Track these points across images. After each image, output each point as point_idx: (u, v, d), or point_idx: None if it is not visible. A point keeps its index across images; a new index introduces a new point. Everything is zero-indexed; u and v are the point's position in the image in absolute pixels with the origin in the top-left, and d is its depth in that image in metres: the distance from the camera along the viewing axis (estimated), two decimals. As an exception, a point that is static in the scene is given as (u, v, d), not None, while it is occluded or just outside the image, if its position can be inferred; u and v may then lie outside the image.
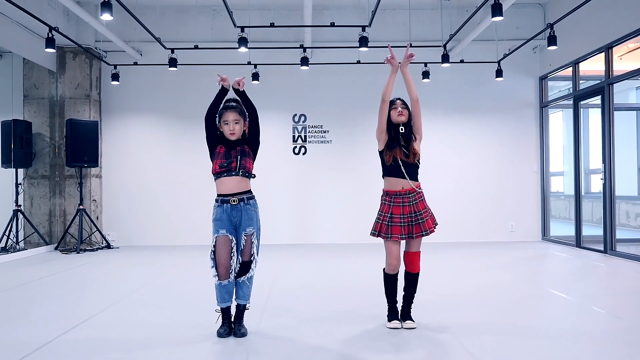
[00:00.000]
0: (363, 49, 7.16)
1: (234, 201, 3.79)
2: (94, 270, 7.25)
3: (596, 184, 10.80)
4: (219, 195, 3.84)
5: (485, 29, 8.81)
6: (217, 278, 3.80)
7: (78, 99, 9.58)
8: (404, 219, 3.91)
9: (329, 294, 5.41)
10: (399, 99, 4.13)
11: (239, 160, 3.80)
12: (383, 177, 4.05)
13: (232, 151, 3.82)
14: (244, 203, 3.82)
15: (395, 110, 4.03)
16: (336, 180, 10.10)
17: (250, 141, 3.94)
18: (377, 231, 3.97)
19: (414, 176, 3.97)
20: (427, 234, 3.92)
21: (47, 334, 3.92)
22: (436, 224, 3.99)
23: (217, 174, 3.82)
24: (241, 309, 3.93)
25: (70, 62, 9.58)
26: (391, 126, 4.02)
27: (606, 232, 7.94)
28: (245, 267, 3.86)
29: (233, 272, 3.81)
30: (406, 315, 4.06)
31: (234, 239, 3.81)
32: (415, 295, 4.09)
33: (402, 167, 3.91)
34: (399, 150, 3.93)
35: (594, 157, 12.07)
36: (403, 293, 4.09)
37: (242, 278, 3.86)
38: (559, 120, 12.95)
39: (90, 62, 9.68)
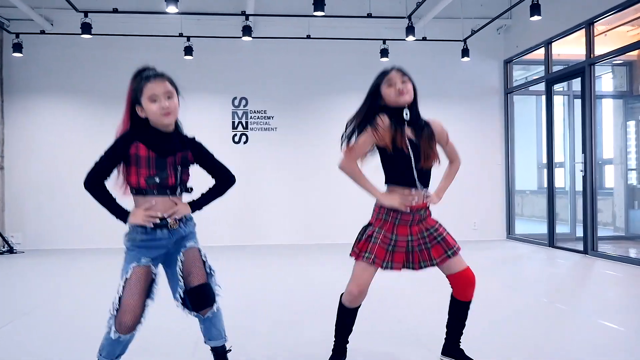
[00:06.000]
0: (318, 12, 5.99)
1: (174, 225, 2.50)
2: (-18, 282, 5.82)
3: (560, 178, 10.06)
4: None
5: (447, 6, 7.83)
6: (114, 330, 2.38)
7: (-28, 75, 8.01)
8: (411, 242, 2.71)
9: (280, 315, 4.24)
10: (394, 68, 2.75)
11: (179, 174, 2.51)
12: (387, 184, 2.78)
13: (170, 158, 2.47)
14: (184, 222, 2.57)
15: (392, 88, 2.68)
16: (282, 173, 8.91)
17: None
18: (372, 254, 2.66)
19: (427, 184, 2.76)
20: (454, 253, 2.74)
21: None
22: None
23: (141, 191, 2.44)
24: (220, 352, 2.67)
25: (-37, 29, 7.99)
26: (391, 112, 2.69)
27: (586, 230, 7.12)
28: (203, 293, 2.52)
29: (141, 323, 2.45)
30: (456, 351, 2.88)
31: (156, 272, 2.49)
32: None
33: (414, 171, 2.67)
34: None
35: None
36: (448, 320, 2.89)
37: (207, 312, 2.56)
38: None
39: (-12, 31, 8.12)
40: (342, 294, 2.82)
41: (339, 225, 8.81)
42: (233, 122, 8.88)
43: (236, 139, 8.87)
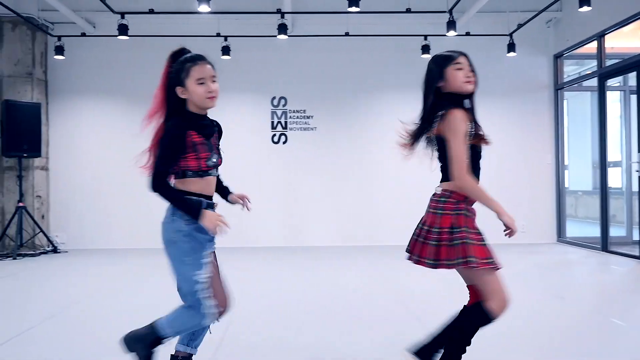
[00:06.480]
0: (353, 8, 5.80)
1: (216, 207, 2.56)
2: (24, 280, 5.90)
3: (616, 178, 9.49)
4: (200, 196, 2.45)
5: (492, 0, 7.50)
6: (214, 315, 2.44)
7: (18, 78, 8.16)
8: None
9: (314, 322, 4.07)
10: (462, 54, 2.56)
11: (220, 154, 2.57)
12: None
13: (212, 139, 2.51)
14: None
15: (461, 72, 2.51)
16: (322, 173, 8.75)
17: None
18: (492, 258, 2.41)
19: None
20: None
21: None
22: None
23: (201, 173, 2.45)
24: None
25: (9, 34, 8.16)
26: (456, 99, 2.52)
27: (642, 234, 6.68)
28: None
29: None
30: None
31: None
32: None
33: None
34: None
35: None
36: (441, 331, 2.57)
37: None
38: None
39: (33, 35, 8.26)
40: (487, 311, 2.43)
41: (381, 227, 8.61)
42: (272, 122, 8.77)
43: (275, 139, 8.76)
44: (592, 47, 7.96)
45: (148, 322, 2.52)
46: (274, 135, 8.77)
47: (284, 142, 8.76)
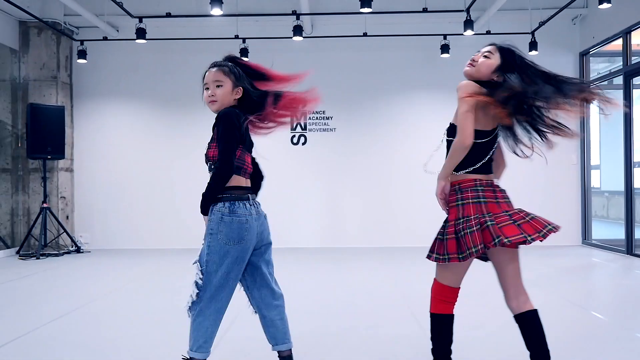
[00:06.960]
0: (365, 10, 5.75)
1: None
2: (44, 279, 6.01)
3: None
4: None
5: (515, -4, 7.38)
6: None
7: (44, 81, 8.34)
8: None
9: (319, 324, 4.05)
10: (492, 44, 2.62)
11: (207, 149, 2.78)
12: None
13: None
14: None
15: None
16: (341, 174, 8.72)
17: None
18: None
19: None
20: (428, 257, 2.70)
21: None
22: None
23: None
24: None
25: (35, 39, 8.34)
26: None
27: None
28: None
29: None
30: None
31: None
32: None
33: None
34: None
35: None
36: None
37: None
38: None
39: (58, 39, 8.43)
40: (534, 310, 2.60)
41: (400, 228, 8.53)
42: (291, 123, 8.78)
43: (295, 140, 8.76)
44: (619, 44, 7.74)
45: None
46: (294, 136, 8.77)
47: (303, 143, 8.76)
